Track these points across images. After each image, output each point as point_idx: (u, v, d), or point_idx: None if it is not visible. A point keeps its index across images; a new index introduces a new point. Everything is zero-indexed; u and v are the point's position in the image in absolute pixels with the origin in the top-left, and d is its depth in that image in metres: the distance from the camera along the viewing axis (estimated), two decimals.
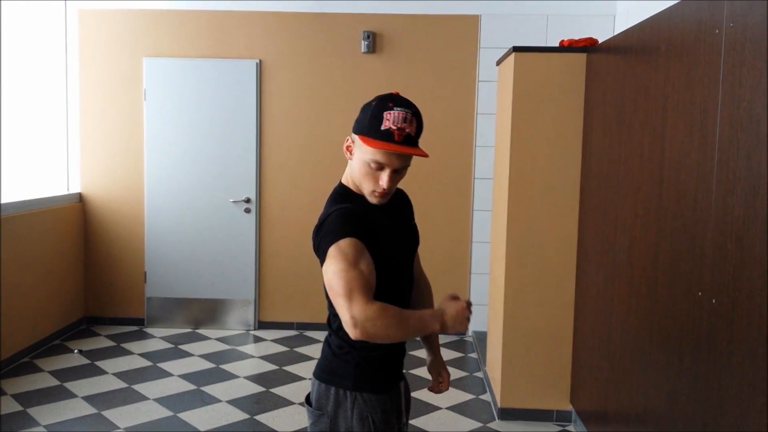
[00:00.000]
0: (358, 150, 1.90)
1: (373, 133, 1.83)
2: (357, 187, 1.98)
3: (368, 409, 1.98)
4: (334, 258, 1.81)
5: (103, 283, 6.13)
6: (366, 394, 1.98)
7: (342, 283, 1.77)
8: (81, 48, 5.97)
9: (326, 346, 2.08)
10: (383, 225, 1.97)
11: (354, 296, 1.75)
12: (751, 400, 1.88)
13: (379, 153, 1.83)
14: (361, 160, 1.89)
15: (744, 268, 1.94)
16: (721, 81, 2.13)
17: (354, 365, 1.99)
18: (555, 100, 3.95)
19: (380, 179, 1.87)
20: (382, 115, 1.83)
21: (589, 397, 3.72)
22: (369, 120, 1.85)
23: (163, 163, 5.98)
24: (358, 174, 1.92)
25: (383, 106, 1.85)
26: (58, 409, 4.24)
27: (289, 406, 4.37)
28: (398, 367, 2.12)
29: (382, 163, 1.85)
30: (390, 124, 1.81)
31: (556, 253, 4.02)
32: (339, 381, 2.00)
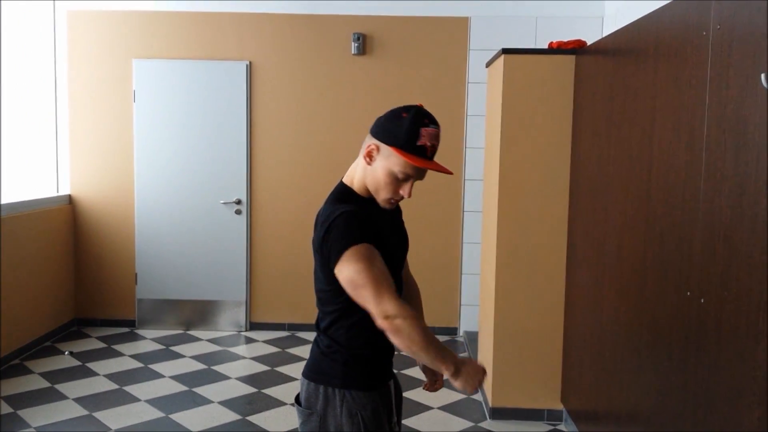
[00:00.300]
0: (384, 159, 1.94)
1: (409, 147, 1.89)
2: (363, 189, 2.02)
3: (357, 407, 2.00)
4: (352, 258, 1.85)
5: (94, 285, 6.11)
6: (354, 391, 2.00)
7: (369, 278, 1.83)
8: (70, 49, 5.95)
9: (315, 346, 2.11)
10: (383, 228, 2.02)
11: (384, 291, 1.83)
12: (740, 397, 1.91)
13: (411, 167, 1.90)
14: (387, 169, 1.93)
15: (732, 268, 1.97)
16: (708, 82, 2.16)
17: (342, 363, 2.01)
18: (544, 102, 3.98)
19: (402, 189, 1.95)
20: (419, 131, 1.89)
21: (579, 396, 3.75)
22: (405, 134, 1.89)
23: (153, 165, 5.97)
24: (378, 181, 1.96)
25: (419, 121, 1.90)
26: (49, 410, 4.23)
27: (281, 407, 4.38)
28: (387, 366, 2.14)
29: (410, 175, 1.93)
30: (426, 140, 1.89)
31: (546, 254, 4.05)
32: (327, 379, 2.02)
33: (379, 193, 1.99)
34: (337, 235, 1.88)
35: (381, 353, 2.09)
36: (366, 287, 1.84)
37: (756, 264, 1.83)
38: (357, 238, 1.86)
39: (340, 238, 1.88)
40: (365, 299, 1.85)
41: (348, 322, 2.01)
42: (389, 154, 1.92)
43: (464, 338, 5.84)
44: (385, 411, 2.09)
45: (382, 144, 1.94)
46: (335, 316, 2.03)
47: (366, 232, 1.89)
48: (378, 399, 2.05)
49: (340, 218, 1.90)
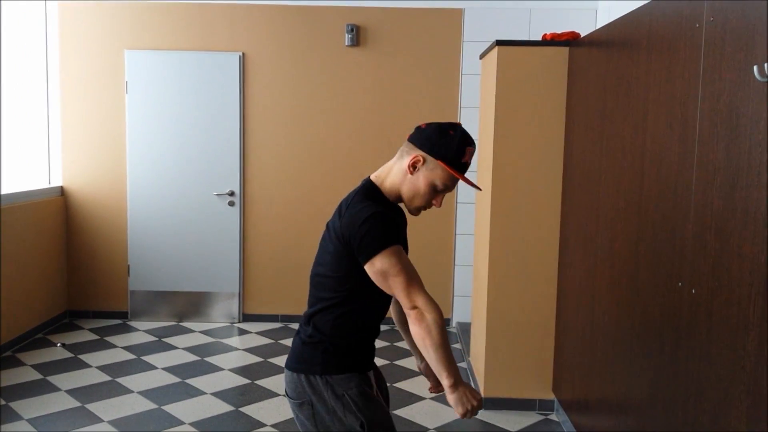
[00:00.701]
0: (429, 171, 2.07)
1: (455, 164, 2.06)
2: (393, 194, 2.14)
3: (341, 389, 2.07)
4: (388, 255, 1.97)
5: (86, 277, 6.10)
6: (335, 375, 2.08)
7: (403, 270, 1.96)
8: (61, 40, 5.91)
9: (296, 337, 2.20)
10: (401, 230, 2.13)
11: (416, 283, 1.97)
12: (730, 387, 1.93)
13: (452, 179, 2.08)
14: (429, 179, 2.07)
15: (723, 259, 1.99)
16: (701, 75, 2.17)
17: (322, 351, 2.09)
18: (538, 94, 3.98)
19: (435, 199, 2.12)
20: (465, 150, 2.07)
21: (571, 386, 3.77)
22: (455, 151, 2.05)
23: (145, 156, 5.95)
24: (416, 190, 2.09)
25: (465, 141, 2.08)
26: (42, 402, 4.23)
27: (274, 398, 4.39)
28: (367, 357, 2.19)
29: (449, 187, 2.10)
30: (468, 158, 2.08)
31: (538, 245, 4.06)
32: (308, 367, 2.10)
33: (413, 201, 2.12)
34: (375, 233, 1.98)
35: (362, 345, 2.16)
36: (400, 276, 1.96)
37: (746, 255, 1.84)
38: (392, 240, 1.99)
39: (378, 236, 1.97)
40: (397, 286, 1.96)
41: (339, 311, 2.09)
42: (434, 167, 2.06)
43: (457, 329, 5.86)
44: (369, 389, 2.14)
45: (429, 156, 2.07)
46: (329, 303, 2.10)
47: (398, 235, 2.03)
48: (359, 379, 2.11)
49: (378, 217, 2.00)
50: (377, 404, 2.12)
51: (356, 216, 2.01)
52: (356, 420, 2.04)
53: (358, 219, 2.00)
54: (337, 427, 2.06)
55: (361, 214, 2.00)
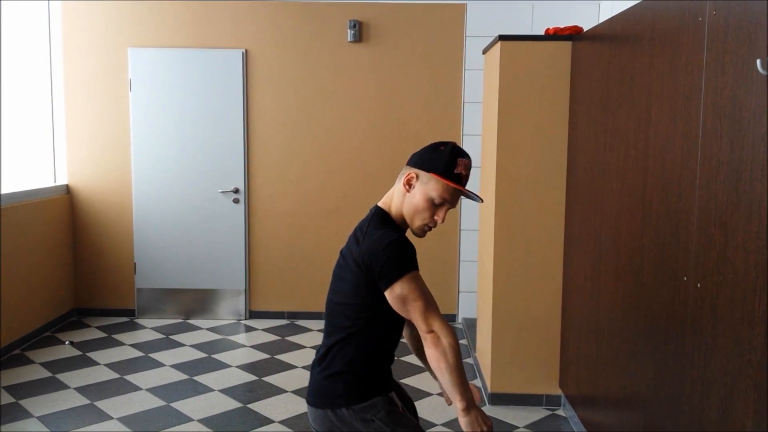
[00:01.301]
0: (423, 186, 2.10)
1: (448, 174, 2.08)
2: (399, 217, 2.16)
3: (369, 414, 2.09)
4: (409, 281, 2.00)
5: (93, 275, 6.12)
6: (360, 404, 2.09)
7: (421, 296, 2.00)
8: (65, 38, 5.93)
9: (313, 372, 2.20)
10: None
11: (433, 309, 2.01)
12: (736, 381, 1.93)
13: (449, 191, 2.09)
14: (425, 194, 2.09)
15: (727, 253, 1.99)
16: (704, 68, 2.16)
17: (342, 382, 2.10)
18: (541, 89, 3.98)
19: (437, 214, 2.12)
20: (456, 161, 2.10)
21: (577, 381, 3.78)
22: (445, 163, 2.09)
23: (150, 154, 5.97)
24: (415, 207, 2.11)
25: (457, 153, 2.12)
26: (51, 400, 4.26)
27: (282, 394, 4.41)
28: (386, 378, 2.21)
29: (446, 200, 2.10)
30: (462, 169, 2.11)
31: (543, 240, 4.06)
32: (332, 401, 2.11)
33: (414, 219, 2.13)
34: (396, 259, 2.01)
35: (379, 369, 2.18)
36: (418, 301, 1.99)
37: (751, 249, 1.85)
38: (412, 266, 2.02)
39: (399, 262, 2.01)
40: (415, 311, 2.00)
41: (358, 340, 2.11)
42: (428, 180, 2.09)
43: (463, 325, 5.87)
44: (396, 407, 2.16)
45: (422, 171, 2.11)
46: (348, 332, 2.11)
47: (414, 258, 2.05)
48: (384, 401, 2.12)
49: (398, 243, 2.04)
50: (407, 419, 2.15)
51: (377, 242, 2.04)
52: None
53: (379, 245, 2.03)
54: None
55: (382, 240, 2.03)
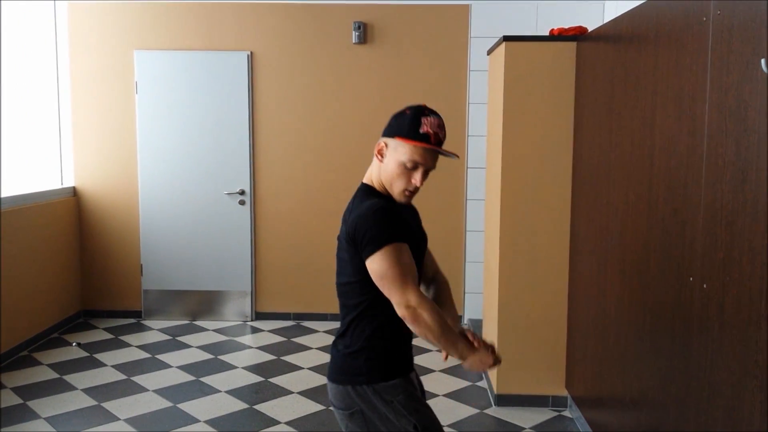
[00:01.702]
0: (393, 152, 2.07)
1: (413, 135, 2.03)
2: (381, 187, 2.13)
3: (389, 396, 2.10)
4: (386, 254, 1.98)
5: (100, 277, 6.15)
6: (381, 384, 2.10)
7: (397, 272, 1.97)
8: (71, 41, 5.95)
9: (334, 349, 2.20)
10: (408, 222, 2.13)
11: (408, 283, 1.97)
12: (743, 382, 1.93)
13: (418, 152, 2.03)
14: (396, 161, 2.06)
15: (733, 253, 1.98)
16: (709, 68, 2.16)
17: (364, 359, 2.10)
18: (546, 89, 3.98)
19: (413, 178, 2.06)
20: (420, 120, 2.03)
21: (583, 382, 3.77)
22: (408, 124, 2.04)
23: (156, 156, 5.99)
24: (390, 175, 2.08)
25: (420, 112, 2.05)
26: (59, 401, 4.27)
27: (288, 395, 4.41)
28: (408, 356, 2.22)
29: (418, 162, 2.04)
30: (428, 127, 2.03)
31: (549, 241, 4.06)
32: (353, 378, 2.11)
33: (393, 186, 2.09)
34: (375, 230, 1.99)
35: (401, 344, 2.18)
36: (393, 279, 1.97)
37: (757, 249, 1.84)
38: (391, 237, 1.99)
39: (377, 233, 1.99)
40: (390, 289, 1.98)
41: (371, 315, 2.10)
42: (396, 146, 2.06)
43: (468, 326, 5.87)
44: (417, 392, 2.19)
45: (389, 138, 2.08)
46: (360, 309, 2.11)
47: (398, 228, 2.03)
48: (405, 383, 2.14)
49: (378, 213, 2.01)
50: (426, 407, 2.18)
51: (361, 214, 2.03)
52: (409, 423, 2.08)
53: (361, 217, 2.02)
54: (390, 430, 2.09)
55: (364, 211, 2.03)
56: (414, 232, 2.17)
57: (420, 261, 2.22)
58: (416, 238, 2.18)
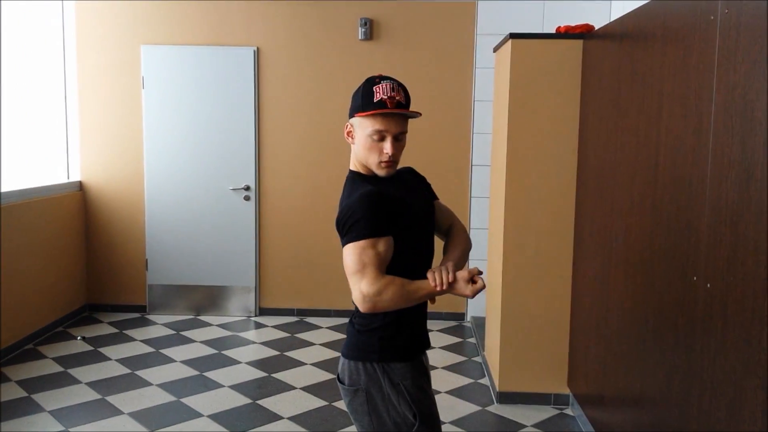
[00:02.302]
0: (358, 129, 2.09)
1: (368, 106, 2.04)
2: (365, 168, 2.14)
3: (398, 377, 2.11)
4: (353, 250, 1.99)
5: (105, 271, 6.17)
6: (393, 363, 2.11)
7: (356, 260, 1.97)
8: (78, 36, 5.97)
9: (350, 326, 2.22)
10: (400, 199, 2.11)
11: (366, 272, 1.96)
12: (745, 381, 1.92)
13: (378, 121, 2.03)
14: (363, 136, 2.07)
15: (738, 253, 1.98)
16: (715, 67, 2.15)
17: (378, 338, 2.12)
18: (552, 87, 3.97)
19: (384, 148, 2.05)
20: (372, 90, 2.05)
21: (586, 380, 3.77)
22: (361, 98, 2.06)
23: (162, 151, 6.00)
24: (363, 151, 2.09)
25: (371, 82, 2.07)
26: (63, 394, 4.29)
27: (291, 391, 4.42)
28: (421, 336, 2.24)
29: (382, 130, 2.04)
30: (381, 94, 2.03)
31: (553, 239, 4.06)
32: (366, 355, 2.13)
33: (369, 162, 2.10)
34: (351, 222, 2.00)
35: (414, 326, 2.19)
36: (351, 274, 1.99)
37: (762, 249, 1.84)
38: (362, 233, 1.98)
39: (352, 226, 2.00)
40: (350, 283, 2.00)
41: None
42: (358, 124, 2.08)
43: (472, 324, 5.87)
44: (424, 377, 2.20)
45: (351, 119, 2.11)
46: None
47: (377, 222, 1.99)
48: (414, 368, 2.16)
49: (362, 204, 2.00)
50: (430, 398, 2.19)
51: (344, 206, 2.06)
52: (409, 410, 2.10)
53: (343, 209, 2.06)
54: (390, 413, 2.11)
55: (346, 203, 2.06)
56: (412, 203, 2.15)
57: (428, 228, 2.24)
58: (416, 208, 2.17)
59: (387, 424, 2.11)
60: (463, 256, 2.21)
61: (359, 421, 2.17)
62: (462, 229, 2.32)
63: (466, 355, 5.21)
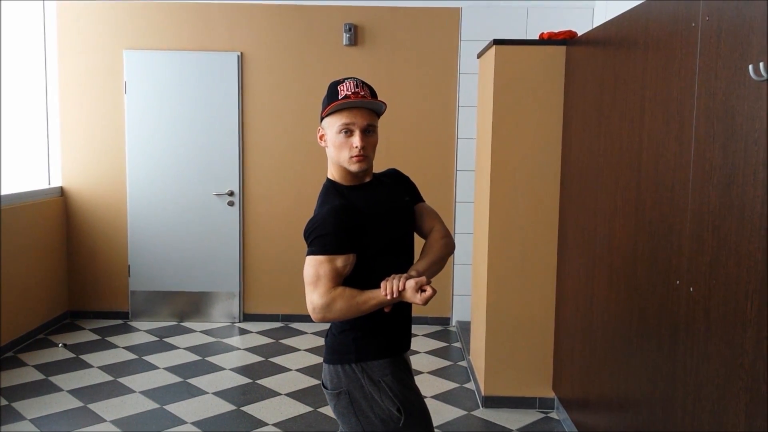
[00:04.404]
0: (328, 130, 2.14)
1: (333, 102, 2.10)
2: (341, 174, 2.16)
3: (377, 375, 2.13)
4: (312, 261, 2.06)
5: (87, 277, 6.11)
6: (370, 362, 2.14)
7: (312, 272, 2.05)
8: (60, 40, 5.92)
9: (329, 331, 2.26)
10: (370, 215, 2.12)
11: (318, 285, 2.03)
12: (728, 384, 1.94)
13: (345, 115, 2.09)
14: (332, 135, 2.12)
15: (720, 257, 2.00)
16: (697, 73, 2.18)
17: (352, 338, 2.15)
18: (535, 92, 3.99)
19: (353, 142, 2.09)
20: (337, 89, 2.11)
21: (571, 384, 3.79)
22: (327, 98, 2.13)
23: (145, 156, 5.97)
24: (334, 151, 2.13)
25: (335, 83, 2.14)
26: (44, 403, 4.24)
27: (276, 397, 4.40)
28: (399, 338, 2.25)
29: (348, 123, 2.09)
30: (345, 91, 2.10)
31: (537, 244, 4.08)
32: (343, 357, 2.16)
33: (341, 160, 2.13)
34: (314, 235, 2.07)
35: (390, 324, 2.19)
36: (306, 285, 2.07)
37: (744, 253, 1.86)
38: (325, 248, 2.04)
39: (314, 239, 2.07)
40: (306, 295, 2.07)
41: None
42: (328, 124, 2.14)
43: (456, 328, 5.88)
44: (405, 372, 2.22)
45: (321, 123, 2.17)
46: None
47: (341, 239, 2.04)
48: (394, 365, 2.17)
49: (321, 219, 2.07)
50: (413, 390, 2.21)
51: (318, 215, 2.12)
52: (393, 404, 2.12)
53: (316, 218, 2.11)
54: (375, 411, 2.13)
55: (320, 215, 2.10)
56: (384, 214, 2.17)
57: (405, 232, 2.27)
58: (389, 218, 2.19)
59: (374, 422, 2.12)
60: (437, 262, 2.21)
61: (347, 424, 2.18)
62: (441, 234, 2.31)
63: (452, 359, 5.22)
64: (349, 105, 2.08)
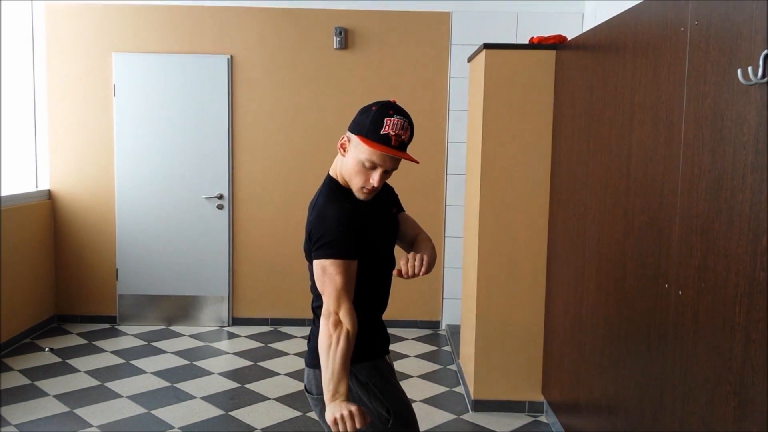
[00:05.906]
0: (354, 149, 2.07)
1: (373, 136, 2.01)
2: (344, 181, 2.13)
3: (365, 377, 2.12)
4: (332, 265, 2.00)
5: (74, 281, 6.06)
6: (358, 364, 2.11)
7: (337, 285, 1.99)
8: (48, 43, 5.88)
9: (311, 335, 2.22)
10: (371, 219, 2.13)
11: (343, 300, 1.98)
12: (716, 387, 1.95)
13: (376, 154, 2.02)
14: (356, 158, 2.06)
15: (708, 261, 2.00)
16: (686, 78, 2.19)
17: None
18: (525, 97, 4.00)
19: (371, 178, 2.05)
20: (383, 121, 2.01)
21: (560, 388, 3.79)
22: (370, 123, 2.02)
23: (133, 160, 5.93)
24: (350, 171, 2.08)
25: (384, 112, 2.03)
26: (30, 408, 4.20)
27: (264, 402, 4.38)
28: (380, 337, 2.25)
29: (376, 163, 2.04)
30: (389, 129, 2.00)
31: (527, 247, 4.08)
32: None
33: (352, 182, 2.10)
34: (328, 238, 2.01)
35: (372, 326, 2.20)
36: (331, 291, 1.99)
37: (732, 256, 1.86)
38: (341, 253, 2.00)
39: (329, 242, 2.01)
40: (328, 297, 2.00)
41: None
42: (357, 144, 2.05)
43: (446, 332, 5.87)
44: (390, 373, 2.22)
45: (352, 135, 2.08)
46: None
47: (351, 243, 2.02)
48: (380, 366, 2.18)
49: (338, 222, 2.03)
50: (400, 391, 2.21)
51: (320, 216, 2.06)
52: (382, 406, 2.11)
53: (321, 220, 2.05)
54: None
55: (324, 215, 2.06)
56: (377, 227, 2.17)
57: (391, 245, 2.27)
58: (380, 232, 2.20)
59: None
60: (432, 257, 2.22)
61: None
62: (429, 239, 2.34)
63: (441, 363, 5.21)
64: (386, 153, 2.02)
